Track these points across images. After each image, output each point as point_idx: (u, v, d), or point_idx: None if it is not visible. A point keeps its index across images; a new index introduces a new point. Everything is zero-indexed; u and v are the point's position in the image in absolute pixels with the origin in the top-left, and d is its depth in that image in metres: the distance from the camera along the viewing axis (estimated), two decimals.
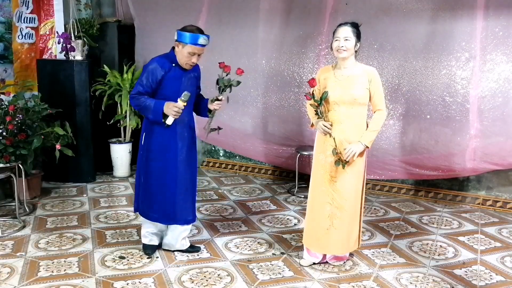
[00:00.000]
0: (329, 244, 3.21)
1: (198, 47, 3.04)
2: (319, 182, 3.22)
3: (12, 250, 3.48)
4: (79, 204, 4.53)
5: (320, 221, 3.20)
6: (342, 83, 3.11)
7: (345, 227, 3.18)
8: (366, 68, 3.18)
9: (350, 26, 3.08)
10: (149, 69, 3.09)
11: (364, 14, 4.76)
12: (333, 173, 3.14)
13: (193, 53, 3.05)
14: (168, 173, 3.23)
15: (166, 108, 3.02)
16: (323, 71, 3.27)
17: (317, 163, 3.25)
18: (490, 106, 4.41)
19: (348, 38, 3.04)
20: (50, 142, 4.51)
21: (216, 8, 5.45)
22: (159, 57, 3.16)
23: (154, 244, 3.47)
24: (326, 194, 3.17)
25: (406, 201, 4.84)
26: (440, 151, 4.63)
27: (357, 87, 3.08)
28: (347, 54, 3.07)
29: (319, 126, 3.11)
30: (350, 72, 3.12)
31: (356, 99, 3.08)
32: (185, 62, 3.09)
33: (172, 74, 3.11)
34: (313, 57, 5.09)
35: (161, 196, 3.26)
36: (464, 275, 3.24)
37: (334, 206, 3.15)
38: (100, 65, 5.47)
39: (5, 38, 4.87)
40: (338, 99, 3.09)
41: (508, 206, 4.56)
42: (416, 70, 4.64)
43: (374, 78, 3.12)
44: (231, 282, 3.06)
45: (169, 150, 3.20)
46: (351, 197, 3.16)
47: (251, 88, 5.48)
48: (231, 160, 5.88)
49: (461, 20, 4.41)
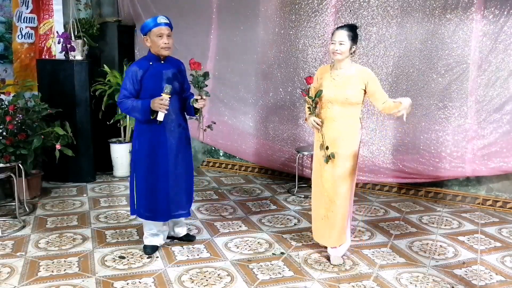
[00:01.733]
0: (324, 234, 3.39)
1: (162, 26, 3.16)
2: (317, 174, 3.39)
3: (12, 250, 3.48)
4: (79, 204, 4.53)
5: (318, 211, 3.40)
6: (336, 82, 3.25)
7: (337, 219, 3.30)
8: (360, 69, 3.30)
9: (346, 30, 3.19)
10: (129, 72, 3.23)
11: (364, 15, 4.77)
12: (327, 167, 3.28)
13: (160, 34, 3.16)
14: (159, 171, 3.29)
15: (152, 104, 3.10)
16: (322, 70, 3.42)
17: (315, 157, 3.42)
18: (489, 107, 4.43)
19: (342, 42, 3.16)
20: (50, 142, 4.51)
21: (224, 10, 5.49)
22: (137, 61, 3.36)
23: (154, 244, 3.48)
24: (322, 186, 3.34)
25: (406, 201, 4.84)
26: (440, 152, 4.64)
27: (350, 87, 3.22)
28: (341, 57, 3.21)
29: (310, 121, 3.29)
30: (344, 72, 3.26)
31: (348, 99, 3.21)
32: (160, 47, 3.18)
33: (151, 71, 3.22)
34: (314, 57, 5.09)
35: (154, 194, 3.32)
36: (464, 275, 3.24)
37: (328, 199, 3.31)
38: (100, 65, 5.47)
39: (5, 38, 4.87)
40: (332, 98, 3.24)
41: (508, 206, 4.56)
42: (415, 70, 4.65)
43: (370, 78, 3.24)
44: (231, 282, 3.07)
45: (159, 148, 3.27)
46: (342, 192, 3.28)
47: (252, 88, 5.49)
48: (231, 160, 5.88)
49: (460, 21, 4.41)
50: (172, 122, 3.28)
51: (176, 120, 3.30)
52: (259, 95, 5.47)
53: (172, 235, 3.66)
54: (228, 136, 5.64)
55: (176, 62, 3.37)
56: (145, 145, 3.28)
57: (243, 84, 5.51)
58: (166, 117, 3.16)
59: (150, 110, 3.12)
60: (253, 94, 5.50)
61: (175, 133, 3.31)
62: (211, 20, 5.57)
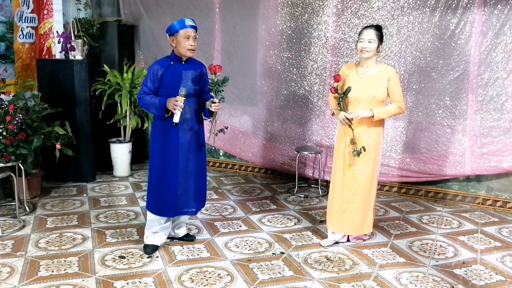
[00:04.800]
0: (344, 225, 3.59)
1: (188, 28, 3.24)
2: (339, 169, 3.56)
3: (12, 249, 3.48)
4: (79, 204, 4.53)
5: (338, 204, 3.59)
6: (363, 81, 3.42)
7: (359, 211, 3.54)
8: (386, 68, 3.48)
9: (375, 29, 3.38)
10: (151, 70, 3.33)
11: (365, 15, 4.77)
12: (351, 162, 3.49)
13: (187, 36, 3.23)
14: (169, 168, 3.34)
15: (168, 103, 3.17)
16: (347, 67, 3.59)
17: (338, 152, 3.59)
18: (489, 107, 4.43)
19: (371, 41, 3.34)
20: (50, 141, 4.51)
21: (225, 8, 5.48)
22: (160, 59, 3.41)
23: (155, 244, 3.49)
24: (344, 180, 3.54)
25: (406, 201, 4.84)
26: (440, 151, 4.65)
27: (377, 86, 3.39)
28: (370, 55, 3.37)
29: (341, 116, 3.41)
30: (371, 71, 3.43)
31: (375, 97, 3.39)
32: (186, 48, 3.25)
33: (171, 71, 3.30)
34: (316, 57, 5.09)
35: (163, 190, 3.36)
36: (464, 275, 3.24)
37: (351, 192, 3.52)
38: (100, 65, 5.47)
39: (6, 38, 4.86)
40: (359, 96, 3.40)
41: (508, 206, 4.56)
42: (415, 70, 4.65)
43: (392, 77, 3.41)
44: (231, 282, 3.07)
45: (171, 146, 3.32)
46: (366, 184, 3.51)
47: (254, 88, 5.49)
48: (231, 159, 5.88)
49: (460, 20, 4.42)
50: (187, 122, 3.33)
51: (191, 120, 3.35)
52: (261, 95, 5.47)
53: (172, 235, 3.67)
54: (228, 136, 5.64)
55: (198, 64, 3.43)
56: (158, 143, 3.35)
57: (245, 84, 5.51)
58: (181, 117, 3.21)
59: (165, 109, 3.20)
60: (255, 94, 5.50)
61: (188, 133, 3.35)
62: (214, 20, 5.57)
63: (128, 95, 5.21)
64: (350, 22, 4.85)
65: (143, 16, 5.87)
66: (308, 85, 5.15)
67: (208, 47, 5.57)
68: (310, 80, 5.13)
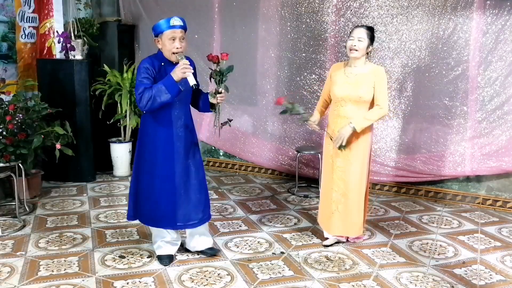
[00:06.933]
0: (334, 226, 3.55)
1: (175, 29, 2.97)
2: (328, 170, 3.54)
3: (12, 249, 3.48)
4: (79, 204, 4.53)
5: (327, 205, 3.56)
6: (349, 80, 3.35)
7: (348, 212, 3.49)
8: (374, 68, 3.40)
9: (365, 28, 3.32)
10: (143, 67, 3.02)
11: (365, 14, 4.77)
12: (339, 163, 3.44)
13: (173, 37, 2.96)
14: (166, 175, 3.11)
15: (174, 74, 2.90)
16: (336, 67, 3.54)
17: (326, 153, 3.56)
18: (489, 107, 4.43)
19: (361, 39, 3.28)
20: (50, 141, 4.51)
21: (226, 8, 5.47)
22: (148, 57, 3.10)
23: (170, 253, 3.30)
24: (332, 181, 3.50)
25: (406, 201, 4.84)
26: (440, 151, 4.65)
27: (363, 86, 3.31)
28: (358, 54, 3.30)
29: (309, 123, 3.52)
30: (358, 71, 3.35)
31: (361, 97, 3.31)
32: (171, 51, 2.99)
33: (163, 72, 3.04)
34: (315, 57, 5.09)
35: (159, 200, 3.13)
36: (464, 275, 3.24)
37: (339, 193, 3.47)
38: (100, 65, 5.47)
39: (8, 38, 4.86)
40: (345, 97, 3.34)
41: (508, 206, 4.56)
42: (415, 70, 4.65)
43: (379, 76, 3.32)
44: (231, 282, 3.07)
45: (165, 151, 3.09)
46: (355, 186, 3.45)
47: (254, 88, 5.49)
48: (231, 159, 5.88)
49: (460, 20, 4.42)
50: (181, 126, 3.11)
51: (184, 119, 3.13)
52: (261, 95, 5.47)
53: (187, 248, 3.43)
54: (228, 136, 5.63)
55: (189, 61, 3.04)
56: (148, 145, 3.12)
57: (245, 84, 5.50)
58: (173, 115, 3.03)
59: (175, 82, 2.89)
60: (255, 94, 5.50)
61: (182, 137, 3.12)
62: (214, 20, 5.57)
63: (128, 95, 5.20)
64: (350, 22, 4.85)
65: (143, 16, 5.87)
66: (308, 85, 5.14)
67: (208, 47, 5.56)
68: (310, 80, 5.13)
